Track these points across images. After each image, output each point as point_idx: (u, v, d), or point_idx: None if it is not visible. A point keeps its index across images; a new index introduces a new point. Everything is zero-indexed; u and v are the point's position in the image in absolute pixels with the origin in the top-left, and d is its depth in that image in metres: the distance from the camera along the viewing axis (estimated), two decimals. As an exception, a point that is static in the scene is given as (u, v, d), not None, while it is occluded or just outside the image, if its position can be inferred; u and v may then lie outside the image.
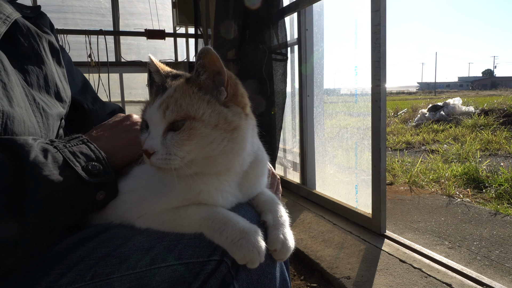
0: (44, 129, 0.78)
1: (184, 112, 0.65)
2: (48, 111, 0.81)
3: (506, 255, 2.02)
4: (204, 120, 0.66)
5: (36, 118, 0.76)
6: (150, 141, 0.65)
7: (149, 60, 0.78)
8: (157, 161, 0.65)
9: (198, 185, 0.70)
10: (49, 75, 0.87)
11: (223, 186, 0.73)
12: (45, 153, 0.63)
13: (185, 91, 0.68)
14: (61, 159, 0.64)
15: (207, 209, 0.69)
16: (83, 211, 0.69)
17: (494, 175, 3.62)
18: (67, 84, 0.98)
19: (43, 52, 0.88)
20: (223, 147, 0.68)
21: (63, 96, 0.91)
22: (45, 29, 0.96)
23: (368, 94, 2.19)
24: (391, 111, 11.35)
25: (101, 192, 0.69)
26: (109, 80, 4.49)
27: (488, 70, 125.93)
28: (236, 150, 0.71)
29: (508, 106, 8.10)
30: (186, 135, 0.65)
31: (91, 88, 1.16)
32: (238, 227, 0.65)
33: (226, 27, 3.26)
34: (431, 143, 6.21)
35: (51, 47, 0.95)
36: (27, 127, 0.71)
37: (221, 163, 0.71)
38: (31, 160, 0.59)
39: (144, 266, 0.62)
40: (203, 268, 0.64)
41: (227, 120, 0.68)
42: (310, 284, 1.89)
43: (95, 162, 0.69)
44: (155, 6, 5.02)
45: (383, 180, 2.05)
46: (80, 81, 1.13)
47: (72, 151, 0.67)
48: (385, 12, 1.95)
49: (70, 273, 0.60)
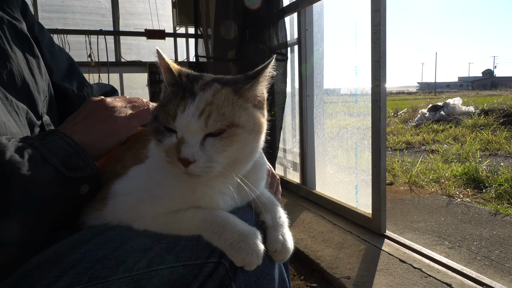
0: (22, 126, 0.75)
1: (228, 121, 0.63)
2: (20, 107, 0.77)
3: (506, 255, 2.01)
4: (245, 126, 0.65)
5: (13, 117, 0.74)
6: (189, 149, 0.61)
7: (157, 56, 0.70)
8: (196, 169, 0.61)
9: (202, 188, 0.69)
10: (15, 70, 0.81)
11: (226, 190, 0.72)
12: (20, 151, 0.61)
13: (227, 98, 0.65)
14: (38, 156, 0.62)
15: (205, 211, 0.69)
16: (69, 206, 0.68)
17: (494, 175, 3.62)
18: (42, 77, 0.91)
19: (7, 45, 0.81)
20: (252, 149, 0.69)
21: (34, 92, 0.85)
22: (13, 14, 0.88)
23: (368, 94, 2.19)
24: (391, 111, 11.35)
25: (84, 186, 0.68)
26: (109, 80, 4.50)
27: (488, 70, 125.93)
28: (256, 149, 0.71)
29: (508, 106, 8.09)
30: (228, 142, 0.63)
31: (77, 71, 1.09)
32: (237, 230, 0.64)
33: (226, 27, 3.26)
34: (431, 143, 6.21)
35: (20, 37, 0.87)
36: (8, 128, 0.69)
37: (245, 164, 0.71)
38: (7, 159, 0.58)
39: (141, 269, 0.61)
40: (201, 270, 0.63)
41: (259, 122, 0.69)
42: (310, 284, 1.89)
43: (74, 156, 0.67)
44: (155, 6, 5.02)
45: (383, 180, 2.05)
46: (65, 63, 1.06)
47: (49, 147, 0.65)
48: (385, 12, 1.94)
49: (67, 276, 0.59)
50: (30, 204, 0.59)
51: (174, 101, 0.64)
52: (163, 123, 0.65)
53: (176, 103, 0.64)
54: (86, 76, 1.15)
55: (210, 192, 0.70)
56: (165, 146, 0.64)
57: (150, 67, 4.57)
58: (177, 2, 4.50)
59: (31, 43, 0.91)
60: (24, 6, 0.96)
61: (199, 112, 0.62)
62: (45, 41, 1.00)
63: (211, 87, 0.66)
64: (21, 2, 0.95)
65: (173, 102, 0.64)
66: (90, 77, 4.31)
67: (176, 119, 0.63)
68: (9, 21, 0.85)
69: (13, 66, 0.80)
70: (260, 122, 0.69)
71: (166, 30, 4.79)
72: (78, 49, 4.37)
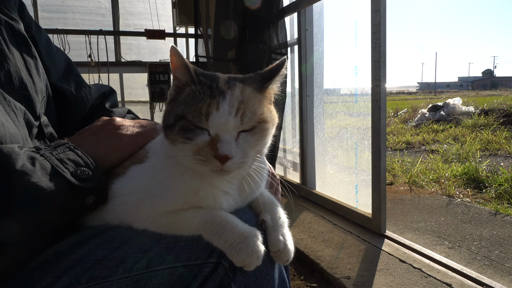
0: (20, 127, 0.76)
1: (258, 118, 0.67)
2: (18, 107, 0.78)
3: (506, 255, 2.01)
4: (269, 121, 0.70)
5: (11, 117, 0.74)
6: (227, 146, 0.63)
7: (173, 53, 0.68)
8: (233, 165, 0.64)
9: (207, 189, 0.69)
10: (13, 71, 0.82)
11: (229, 189, 0.73)
12: (32, 160, 0.62)
13: (252, 96, 0.69)
14: (49, 166, 0.64)
15: (206, 212, 0.69)
16: (72, 215, 0.70)
17: (494, 175, 3.62)
18: (40, 77, 0.92)
19: (4, 46, 0.82)
20: (269, 141, 0.73)
21: (32, 92, 0.86)
22: (10, 14, 0.88)
23: (368, 94, 2.19)
24: (391, 111, 11.35)
25: (91, 197, 0.69)
26: (109, 80, 4.49)
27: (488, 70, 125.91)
28: (268, 143, 0.74)
29: (508, 106, 8.09)
30: (259, 136, 0.68)
31: (75, 72, 1.10)
32: (237, 231, 0.64)
33: (226, 27, 3.26)
34: (431, 143, 6.20)
35: (16, 37, 0.87)
36: (6, 128, 0.69)
37: (262, 156, 0.74)
38: (19, 168, 0.59)
39: (141, 269, 0.61)
40: (201, 270, 0.63)
41: (275, 116, 0.75)
42: (310, 284, 1.89)
43: (84, 167, 0.69)
44: (155, 6, 5.02)
45: (383, 180, 2.05)
46: (63, 63, 1.07)
47: (60, 158, 0.67)
48: (385, 12, 1.94)
49: (66, 277, 0.60)
50: (37, 211, 0.60)
51: (205, 100, 0.64)
52: (193, 122, 0.65)
53: (207, 102, 0.64)
54: (86, 76, 1.15)
55: (215, 192, 0.70)
56: (197, 145, 0.64)
57: (150, 67, 4.57)
58: (177, 2, 4.50)
59: (29, 44, 0.91)
60: (21, 7, 0.95)
61: (235, 110, 0.64)
62: (42, 42, 1.00)
63: (236, 85, 0.68)
64: (18, 3, 0.94)
65: (203, 101, 0.64)
66: (90, 77, 4.31)
67: (210, 118, 0.64)
68: (6, 21, 0.85)
69: (11, 66, 0.80)
70: (276, 116, 0.75)
71: (166, 30, 4.78)
72: (78, 49, 4.37)
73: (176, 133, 0.66)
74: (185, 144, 0.65)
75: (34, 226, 0.60)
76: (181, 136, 0.65)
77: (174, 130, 0.66)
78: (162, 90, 4.66)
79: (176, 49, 0.68)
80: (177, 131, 0.66)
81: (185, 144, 0.65)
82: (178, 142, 0.66)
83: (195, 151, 0.64)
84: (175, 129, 0.66)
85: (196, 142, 0.64)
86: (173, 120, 0.67)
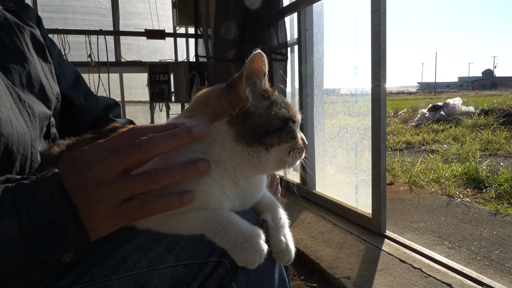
0: (32, 127, 0.75)
1: None
2: (35, 109, 0.78)
3: (506, 255, 2.01)
4: None
5: (23, 117, 0.74)
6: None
7: (259, 57, 0.70)
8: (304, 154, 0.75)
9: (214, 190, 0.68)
10: (33, 73, 0.83)
11: (235, 191, 0.72)
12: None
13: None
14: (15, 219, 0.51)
15: (208, 212, 0.69)
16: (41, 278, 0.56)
17: (494, 175, 3.62)
18: (55, 81, 0.94)
19: (26, 48, 0.84)
20: None
21: (49, 94, 0.87)
22: (30, 23, 0.91)
23: (368, 94, 2.19)
24: (391, 111, 11.35)
25: (68, 255, 0.55)
26: (109, 80, 4.50)
27: (488, 70, 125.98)
28: None
29: (508, 106, 8.10)
30: None
31: (83, 83, 1.12)
32: (240, 230, 0.64)
33: (226, 27, 3.26)
34: (431, 143, 6.21)
35: (35, 42, 0.90)
36: (14, 127, 0.69)
37: None
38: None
39: (142, 268, 0.61)
40: (202, 269, 0.63)
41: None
42: (310, 284, 1.89)
43: (58, 226, 0.53)
44: (155, 6, 5.02)
45: (383, 180, 2.05)
46: (72, 75, 1.09)
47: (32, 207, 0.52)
48: (385, 12, 1.95)
49: (68, 275, 0.60)
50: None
51: (290, 103, 0.76)
52: (293, 120, 0.73)
53: (293, 105, 0.77)
54: (86, 76, 1.18)
55: (219, 193, 0.70)
56: (298, 141, 0.73)
57: (150, 67, 4.57)
58: (177, 2, 4.50)
59: (45, 49, 0.94)
60: (38, 19, 1.00)
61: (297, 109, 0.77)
62: (55, 53, 1.03)
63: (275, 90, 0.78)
64: (36, 16, 0.98)
65: (290, 104, 0.75)
66: (90, 77, 4.31)
67: (296, 115, 0.75)
68: (28, 28, 0.89)
69: (31, 68, 0.83)
70: None
71: (166, 30, 4.79)
72: (78, 49, 4.37)
73: (285, 135, 0.70)
74: (289, 143, 0.71)
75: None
76: (290, 137, 0.71)
77: (282, 133, 0.70)
78: (162, 90, 4.66)
79: (264, 55, 0.70)
80: (287, 132, 0.71)
81: (289, 143, 0.71)
82: (282, 142, 0.70)
83: (296, 147, 0.72)
84: (283, 132, 0.70)
85: (298, 139, 0.73)
86: (282, 123, 0.71)
